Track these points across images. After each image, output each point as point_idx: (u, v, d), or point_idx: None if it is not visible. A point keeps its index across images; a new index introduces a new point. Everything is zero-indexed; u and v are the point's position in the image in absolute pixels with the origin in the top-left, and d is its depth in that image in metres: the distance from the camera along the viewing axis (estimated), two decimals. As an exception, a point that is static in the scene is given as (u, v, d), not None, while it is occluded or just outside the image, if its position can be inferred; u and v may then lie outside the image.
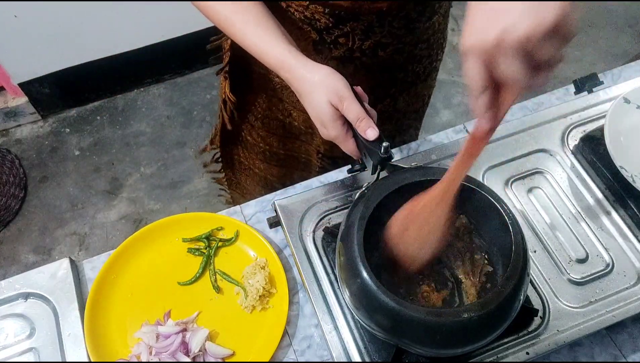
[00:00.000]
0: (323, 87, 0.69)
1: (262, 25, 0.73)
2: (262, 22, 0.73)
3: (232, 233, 0.85)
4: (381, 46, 0.84)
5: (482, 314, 0.59)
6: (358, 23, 0.79)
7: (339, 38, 0.82)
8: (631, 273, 0.77)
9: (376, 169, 0.73)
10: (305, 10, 0.79)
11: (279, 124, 1.03)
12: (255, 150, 1.11)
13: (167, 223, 0.85)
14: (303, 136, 1.04)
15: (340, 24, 0.80)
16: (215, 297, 0.81)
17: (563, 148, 0.88)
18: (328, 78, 0.69)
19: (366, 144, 0.70)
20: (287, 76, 0.72)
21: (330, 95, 0.69)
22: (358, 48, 0.83)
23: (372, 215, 0.66)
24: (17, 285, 0.80)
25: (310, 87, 0.70)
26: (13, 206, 1.93)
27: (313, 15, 0.79)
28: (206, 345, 0.75)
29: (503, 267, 0.68)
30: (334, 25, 0.80)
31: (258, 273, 0.80)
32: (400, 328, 0.61)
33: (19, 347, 0.77)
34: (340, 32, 0.81)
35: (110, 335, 0.77)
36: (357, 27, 0.80)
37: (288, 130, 1.04)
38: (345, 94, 0.68)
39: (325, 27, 0.80)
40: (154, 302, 0.80)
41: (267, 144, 1.09)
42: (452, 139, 0.93)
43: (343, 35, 0.81)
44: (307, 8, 0.79)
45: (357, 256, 0.63)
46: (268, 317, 0.79)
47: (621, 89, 0.93)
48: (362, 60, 0.86)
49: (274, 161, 1.13)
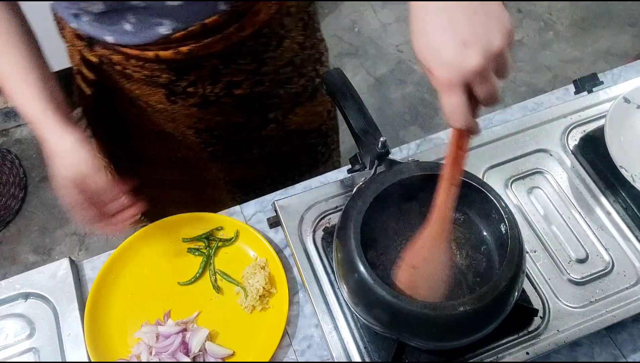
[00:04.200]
0: (66, 159, 0.68)
1: (26, 79, 0.69)
2: (27, 75, 0.69)
3: (232, 233, 0.85)
4: (234, 85, 0.82)
5: (477, 307, 0.59)
6: (202, 70, 0.78)
7: (187, 88, 0.80)
8: (631, 273, 0.77)
9: (373, 164, 0.73)
10: (142, 70, 0.77)
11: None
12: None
13: (167, 223, 0.85)
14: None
15: (183, 75, 0.78)
16: (215, 297, 0.81)
17: (563, 148, 0.88)
18: (72, 151, 0.67)
19: (363, 138, 0.70)
20: (39, 135, 0.69)
21: (72, 169, 0.67)
22: (211, 93, 0.81)
23: (369, 210, 0.66)
24: (17, 285, 0.80)
25: (54, 155, 0.69)
26: (13, 206, 1.93)
27: (153, 72, 0.77)
28: (206, 345, 0.75)
29: (499, 262, 0.68)
30: (177, 78, 0.78)
31: (258, 273, 0.79)
32: (398, 321, 0.62)
33: (19, 347, 0.77)
34: (186, 82, 0.79)
35: (110, 335, 0.77)
36: (202, 74, 0.78)
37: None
38: (86, 169, 0.67)
39: (169, 82, 0.78)
40: (153, 302, 0.80)
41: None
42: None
43: (190, 85, 0.79)
44: (143, 67, 0.76)
45: (354, 250, 0.63)
46: (268, 317, 0.78)
47: (621, 89, 0.93)
48: (221, 101, 0.83)
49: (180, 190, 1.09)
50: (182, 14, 0.70)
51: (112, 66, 0.78)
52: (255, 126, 0.92)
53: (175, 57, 0.75)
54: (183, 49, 0.74)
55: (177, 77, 0.78)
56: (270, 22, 0.78)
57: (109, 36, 0.74)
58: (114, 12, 0.70)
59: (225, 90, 0.82)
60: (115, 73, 0.79)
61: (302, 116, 0.97)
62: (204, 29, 0.73)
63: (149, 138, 0.93)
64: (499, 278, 0.61)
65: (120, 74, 0.79)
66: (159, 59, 0.75)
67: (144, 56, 0.75)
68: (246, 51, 0.78)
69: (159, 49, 0.74)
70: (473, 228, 0.72)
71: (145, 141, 0.95)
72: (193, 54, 0.75)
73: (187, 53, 0.74)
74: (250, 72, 0.82)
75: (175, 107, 0.83)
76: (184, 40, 0.73)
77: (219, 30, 0.74)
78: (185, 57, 0.75)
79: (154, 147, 0.96)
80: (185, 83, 0.79)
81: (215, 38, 0.74)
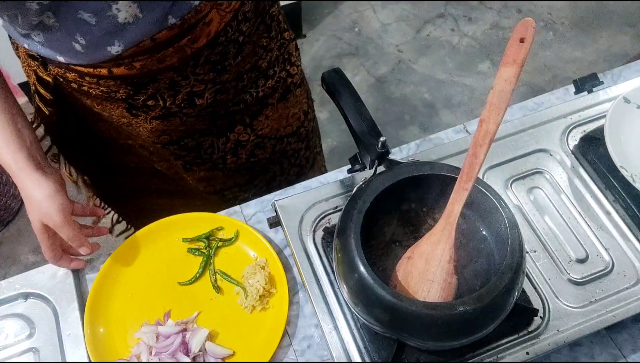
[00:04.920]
0: (39, 207, 0.72)
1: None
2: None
3: (232, 233, 0.85)
4: (195, 95, 0.80)
5: (477, 307, 0.59)
6: (158, 83, 0.76)
7: (147, 102, 0.78)
8: (631, 273, 0.77)
9: (373, 164, 0.73)
10: (98, 86, 0.75)
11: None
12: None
13: (167, 223, 0.85)
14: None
15: (140, 89, 0.76)
16: (215, 297, 0.81)
17: (563, 148, 0.88)
18: (45, 202, 0.72)
19: (363, 138, 0.70)
20: (15, 180, 0.74)
21: (44, 217, 0.72)
22: (172, 104, 0.80)
23: (369, 210, 0.66)
24: (17, 285, 0.80)
25: (29, 201, 0.73)
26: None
27: (109, 88, 0.76)
28: (206, 345, 0.75)
29: (499, 262, 0.68)
30: (135, 92, 0.76)
31: (258, 273, 0.79)
32: (398, 321, 0.62)
33: (19, 347, 0.77)
34: (145, 96, 0.77)
35: (111, 335, 0.77)
36: (160, 87, 0.77)
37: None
38: (57, 220, 0.72)
39: (127, 96, 0.77)
40: (153, 302, 0.80)
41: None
42: (452, 139, 0.93)
43: (150, 98, 0.78)
44: (99, 84, 0.75)
45: (354, 250, 0.63)
46: (268, 317, 0.79)
47: (621, 89, 0.93)
48: (184, 112, 0.82)
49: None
50: (132, 33, 0.69)
51: (68, 83, 0.77)
52: (221, 130, 0.90)
53: (129, 72, 0.73)
54: (136, 65, 0.72)
55: (134, 91, 0.77)
56: (225, 30, 0.76)
57: (60, 56, 0.72)
58: (62, 31, 0.68)
59: (187, 100, 0.80)
60: (73, 91, 0.78)
61: (274, 120, 0.95)
62: (155, 44, 0.71)
63: (122, 150, 0.93)
64: (499, 278, 0.61)
65: (78, 91, 0.78)
66: (113, 76, 0.74)
67: (97, 73, 0.73)
68: (203, 61, 0.77)
69: (112, 65, 0.72)
70: (473, 228, 0.72)
71: (118, 153, 0.94)
72: (147, 68, 0.73)
73: (140, 68, 0.73)
74: (210, 81, 0.80)
75: (138, 120, 0.82)
76: (135, 56, 0.72)
77: (171, 44, 0.72)
78: (140, 72, 0.74)
79: (129, 159, 0.95)
80: (143, 97, 0.78)
81: (167, 52, 0.72)
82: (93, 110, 0.82)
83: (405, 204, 0.74)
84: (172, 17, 0.70)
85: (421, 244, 0.67)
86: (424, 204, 0.74)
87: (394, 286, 0.66)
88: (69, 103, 0.83)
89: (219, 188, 1.02)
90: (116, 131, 0.88)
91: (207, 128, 0.88)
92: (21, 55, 0.81)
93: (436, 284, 0.65)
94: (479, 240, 0.71)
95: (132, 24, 0.68)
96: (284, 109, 0.96)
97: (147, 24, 0.69)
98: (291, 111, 0.98)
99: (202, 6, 0.72)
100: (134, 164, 0.97)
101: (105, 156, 0.97)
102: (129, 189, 1.06)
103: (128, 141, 0.90)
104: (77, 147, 0.96)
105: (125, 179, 1.03)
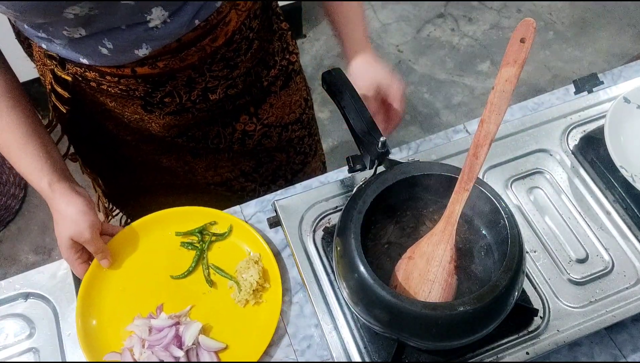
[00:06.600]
0: (69, 224, 0.76)
1: (25, 149, 0.75)
2: (27, 145, 0.75)
3: (225, 227, 0.85)
4: (210, 90, 0.83)
5: (477, 308, 0.59)
6: (177, 81, 0.78)
7: (164, 99, 0.81)
8: (631, 273, 0.77)
9: (374, 164, 0.73)
10: (118, 85, 0.77)
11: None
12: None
13: (160, 217, 0.85)
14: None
15: (159, 87, 0.78)
16: (208, 291, 0.81)
17: (563, 148, 0.88)
18: (77, 218, 0.76)
19: (363, 138, 0.70)
20: (47, 201, 0.78)
21: (75, 234, 0.77)
22: (187, 101, 0.82)
23: (369, 210, 0.66)
24: (17, 285, 0.80)
25: (61, 218, 0.77)
26: (13, 206, 1.93)
27: (128, 87, 0.77)
28: (199, 338, 0.75)
29: (499, 261, 0.68)
30: (153, 89, 0.79)
31: (252, 267, 0.79)
32: (398, 321, 0.62)
33: (19, 347, 0.77)
34: (163, 93, 0.80)
35: (103, 328, 0.77)
36: (177, 85, 0.79)
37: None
38: (88, 236, 0.76)
39: (145, 94, 0.79)
40: (146, 295, 0.80)
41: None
42: (452, 139, 0.93)
43: (167, 96, 0.80)
44: (119, 83, 0.77)
45: (354, 250, 0.63)
46: (261, 312, 0.78)
47: (621, 89, 0.93)
48: (197, 107, 0.85)
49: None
50: (160, 37, 0.71)
51: (86, 82, 0.78)
52: (225, 120, 0.93)
53: (152, 71, 0.75)
54: (160, 64, 0.75)
55: (153, 89, 0.78)
56: (240, 28, 0.79)
57: (84, 59, 0.73)
58: (90, 37, 0.69)
59: (201, 96, 0.83)
60: (89, 88, 0.79)
61: (278, 108, 0.98)
62: (179, 44, 0.74)
63: (129, 145, 0.94)
64: (499, 278, 0.61)
65: (95, 89, 0.79)
66: (135, 75, 0.75)
67: (119, 72, 0.75)
68: (219, 58, 0.80)
69: (135, 65, 0.74)
70: (473, 227, 0.72)
71: (124, 148, 0.95)
72: (169, 67, 0.76)
73: (163, 67, 0.75)
74: (223, 78, 0.83)
75: (151, 116, 0.84)
76: (159, 56, 0.74)
77: (193, 44, 0.75)
78: (162, 71, 0.76)
79: (137, 154, 0.96)
80: (161, 94, 0.80)
81: (190, 51, 0.75)
82: (105, 107, 0.83)
83: (405, 204, 0.74)
84: (197, 20, 0.72)
85: (422, 244, 0.67)
86: (424, 205, 0.74)
87: (394, 286, 0.66)
88: (83, 100, 0.83)
89: (225, 177, 1.03)
90: (124, 128, 0.89)
91: (212, 117, 0.90)
92: (35, 54, 0.82)
93: (437, 284, 0.65)
94: (479, 239, 0.71)
95: (160, 28, 0.70)
96: (287, 97, 0.98)
97: (175, 28, 0.71)
98: (293, 98, 1.00)
99: (223, 7, 0.75)
100: (142, 158, 0.98)
101: (112, 151, 0.98)
102: (137, 186, 1.07)
103: (135, 136, 0.91)
104: (89, 143, 0.97)
105: (134, 175, 1.04)
